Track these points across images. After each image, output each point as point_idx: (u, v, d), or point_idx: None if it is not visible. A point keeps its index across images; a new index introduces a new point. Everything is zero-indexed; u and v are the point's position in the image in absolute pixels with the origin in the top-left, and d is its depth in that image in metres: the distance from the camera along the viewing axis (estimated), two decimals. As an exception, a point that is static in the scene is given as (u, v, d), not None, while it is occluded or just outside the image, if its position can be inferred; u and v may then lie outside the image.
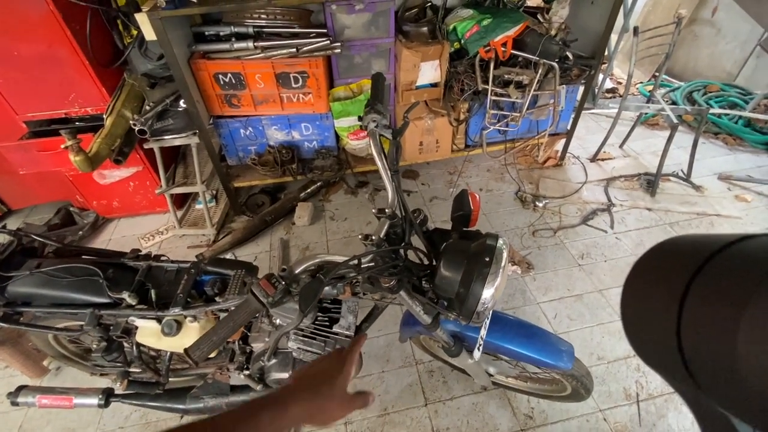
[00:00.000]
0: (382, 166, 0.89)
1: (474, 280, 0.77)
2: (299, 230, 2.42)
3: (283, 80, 2.15)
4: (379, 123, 0.91)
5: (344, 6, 2.03)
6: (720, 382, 0.23)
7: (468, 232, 0.92)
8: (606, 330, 1.81)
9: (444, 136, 2.45)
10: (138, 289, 1.12)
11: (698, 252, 0.26)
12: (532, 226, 2.35)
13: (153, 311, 1.08)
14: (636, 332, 0.31)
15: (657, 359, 0.29)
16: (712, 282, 0.24)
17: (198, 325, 1.10)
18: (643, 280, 0.31)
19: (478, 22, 2.04)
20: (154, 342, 1.12)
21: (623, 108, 2.53)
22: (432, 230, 0.96)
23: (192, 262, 1.20)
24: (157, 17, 1.70)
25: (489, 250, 0.80)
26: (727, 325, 0.21)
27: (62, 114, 2.03)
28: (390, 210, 0.86)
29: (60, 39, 1.77)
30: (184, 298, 1.09)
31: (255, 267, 1.23)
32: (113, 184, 2.34)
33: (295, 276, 0.72)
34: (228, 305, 1.08)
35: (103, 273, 1.13)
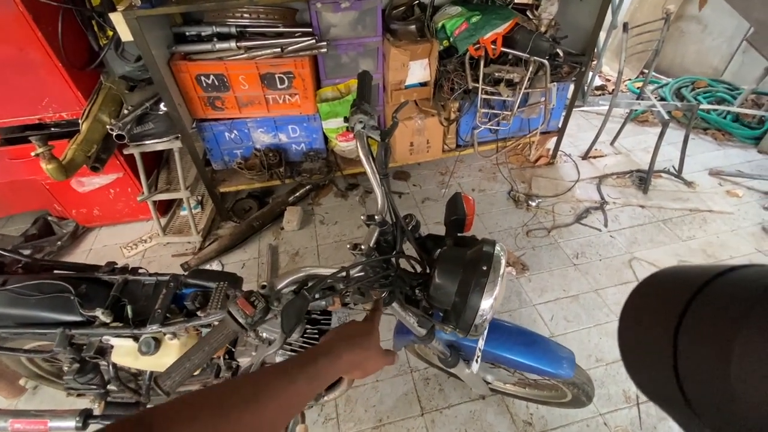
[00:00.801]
0: (370, 169, 0.84)
1: (471, 290, 0.72)
2: (288, 235, 2.36)
3: (268, 81, 2.08)
4: (366, 124, 0.85)
5: (330, 4, 1.97)
6: (718, 413, 0.23)
7: (463, 238, 0.87)
8: (603, 331, 1.78)
9: (435, 136, 2.40)
10: (113, 305, 1.05)
11: (688, 285, 0.26)
12: (526, 226, 2.32)
13: (129, 329, 1.01)
14: (633, 363, 0.31)
15: (656, 392, 0.29)
16: (702, 314, 0.25)
17: (178, 342, 1.03)
18: (637, 313, 0.32)
19: (467, 19, 1.99)
20: (132, 361, 1.04)
21: (614, 105, 2.51)
22: (425, 236, 0.91)
23: (171, 274, 1.13)
24: (132, 17, 1.63)
25: (486, 258, 0.75)
26: (720, 356, 0.22)
27: (36, 120, 1.93)
28: (380, 216, 0.81)
29: (31, 41, 1.68)
30: (162, 313, 1.02)
31: (239, 278, 1.17)
32: (93, 191, 2.24)
33: (277, 292, 0.66)
34: (210, 320, 1.01)
35: (74, 289, 1.05)
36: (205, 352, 0.59)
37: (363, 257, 0.78)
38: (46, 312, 1.03)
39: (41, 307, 1.03)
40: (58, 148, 1.77)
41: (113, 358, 1.05)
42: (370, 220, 0.81)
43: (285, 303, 0.61)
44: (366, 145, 0.85)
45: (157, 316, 1.01)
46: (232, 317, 0.60)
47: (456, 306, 0.75)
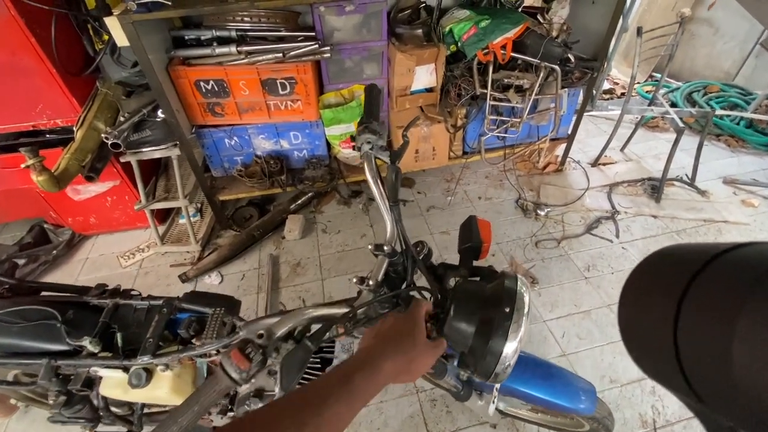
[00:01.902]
0: (379, 195, 0.77)
1: (493, 334, 0.64)
2: (290, 245, 2.29)
3: (269, 87, 2.01)
4: (374, 144, 0.78)
5: (333, 7, 1.91)
6: (718, 393, 0.23)
7: (479, 269, 0.80)
8: (617, 349, 1.71)
9: (441, 143, 2.33)
10: (102, 332, 0.98)
11: (691, 262, 0.26)
12: (535, 237, 2.24)
13: (118, 360, 0.94)
14: (634, 344, 0.31)
15: (656, 370, 0.29)
16: (706, 291, 0.24)
17: (171, 374, 0.97)
18: (638, 291, 0.31)
19: (475, 23, 1.92)
20: (121, 394, 0.98)
21: (626, 112, 2.43)
22: (438, 265, 0.84)
23: (165, 299, 1.06)
24: (128, 21, 1.56)
25: (508, 296, 0.68)
26: (722, 334, 0.21)
27: (30, 126, 1.87)
28: (389, 247, 0.74)
29: (24, 46, 1.61)
30: (154, 343, 0.95)
31: (236, 302, 1.10)
32: (89, 199, 2.18)
33: (275, 341, 0.59)
34: (205, 350, 0.94)
35: (61, 315, 0.99)
36: (194, 413, 0.52)
37: (371, 293, 0.71)
38: (30, 341, 0.96)
39: (25, 336, 0.96)
40: (53, 157, 1.71)
41: (102, 391, 0.98)
42: (378, 251, 0.74)
43: (284, 354, 0.55)
44: (374, 168, 0.78)
45: (149, 346, 0.94)
46: (224, 372, 0.53)
47: (475, 349, 0.68)
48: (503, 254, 2.14)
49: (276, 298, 1.99)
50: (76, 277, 2.18)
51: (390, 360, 0.53)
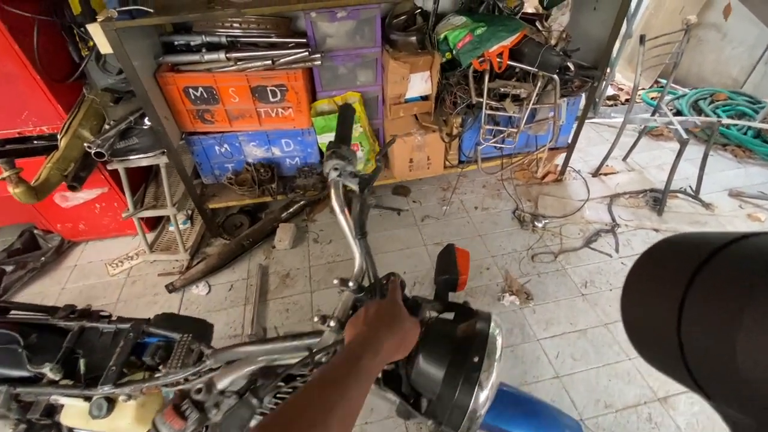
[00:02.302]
0: (346, 225, 0.72)
1: (461, 385, 0.59)
2: (280, 254, 2.24)
3: (259, 94, 1.97)
4: (342, 170, 0.73)
5: (326, 13, 1.86)
6: (721, 383, 0.22)
7: (454, 305, 0.75)
8: (613, 372, 1.64)
9: (436, 152, 2.27)
10: (65, 358, 0.94)
11: (699, 250, 0.25)
12: (531, 250, 2.18)
13: (79, 388, 0.90)
14: (637, 334, 0.30)
15: (659, 361, 0.28)
16: (712, 282, 0.24)
17: (135, 404, 0.92)
18: (643, 278, 0.31)
19: (471, 30, 1.86)
20: (83, 424, 0.93)
21: (629, 121, 2.36)
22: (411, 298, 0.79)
23: (134, 321, 1.02)
24: (111, 28, 1.52)
25: (479, 341, 0.62)
26: (727, 325, 0.21)
27: (16, 133, 1.85)
28: (354, 282, 0.69)
29: (7, 52, 1.58)
30: (116, 371, 0.90)
31: (208, 326, 1.06)
32: (77, 206, 2.15)
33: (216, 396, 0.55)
34: (169, 380, 0.90)
35: (24, 339, 0.95)
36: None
37: (333, 333, 0.66)
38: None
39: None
40: (36, 165, 1.68)
41: (63, 420, 0.94)
42: (343, 285, 0.69)
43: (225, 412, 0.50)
44: (341, 197, 0.73)
45: (110, 375, 0.90)
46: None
47: (442, 398, 0.63)
48: (498, 268, 2.08)
49: (263, 311, 1.94)
50: (64, 284, 2.15)
51: (386, 340, 0.55)
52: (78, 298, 2.06)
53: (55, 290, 2.12)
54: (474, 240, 2.25)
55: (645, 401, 1.54)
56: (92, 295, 2.08)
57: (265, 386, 0.53)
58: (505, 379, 1.62)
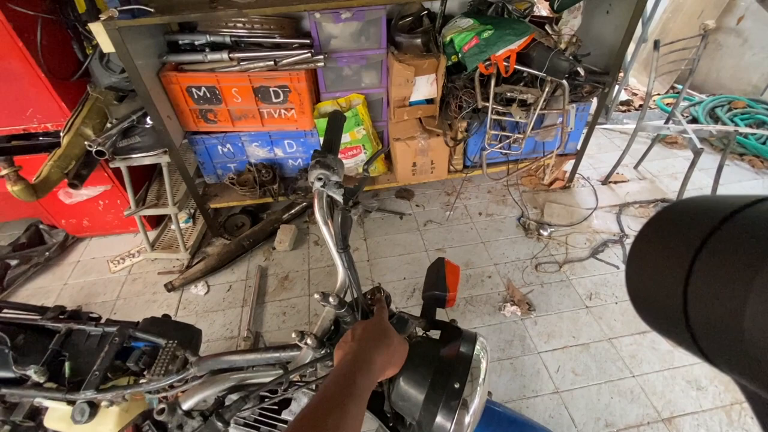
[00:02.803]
0: (329, 237, 0.69)
1: (440, 411, 0.56)
2: (279, 256, 2.23)
3: (262, 95, 1.96)
4: (326, 181, 0.71)
5: (330, 14, 1.83)
6: (725, 346, 0.22)
7: (440, 323, 0.72)
8: (616, 389, 1.59)
9: (440, 156, 2.23)
10: (51, 360, 0.93)
11: (712, 215, 0.24)
12: (536, 259, 2.13)
13: (62, 392, 0.89)
14: (641, 297, 0.30)
15: (664, 328, 0.28)
16: (725, 245, 0.23)
17: (117, 410, 0.90)
18: (651, 242, 0.30)
19: (477, 33, 1.82)
20: (66, 428, 0.92)
21: (640, 129, 2.29)
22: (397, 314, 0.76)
23: (121, 324, 1.01)
24: (113, 27, 1.52)
25: (462, 365, 0.59)
26: (739, 288, 0.21)
27: (21, 130, 1.86)
28: (335, 298, 0.66)
29: (11, 50, 1.60)
30: (100, 376, 0.89)
31: (196, 332, 1.04)
32: (81, 203, 2.17)
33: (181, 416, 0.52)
34: (151, 387, 0.88)
35: (11, 339, 0.95)
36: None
37: (311, 350, 0.63)
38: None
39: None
40: (38, 163, 1.69)
41: (46, 423, 0.93)
42: (324, 301, 0.66)
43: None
44: (324, 208, 0.70)
45: (93, 379, 0.88)
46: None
47: (422, 424, 0.59)
48: (500, 276, 2.04)
49: (260, 314, 1.93)
50: (66, 280, 2.17)
51: (377, 356, 0.55)
52: (79, 294, 2.07)
53: (58, 285, 2.14)
54: (477, 247, 2.21)
55: (648, 422, 1.48)
56: (93, 291, 2.09)
57: (231, 407, 0.50)
58: (503, 392, 1.58)
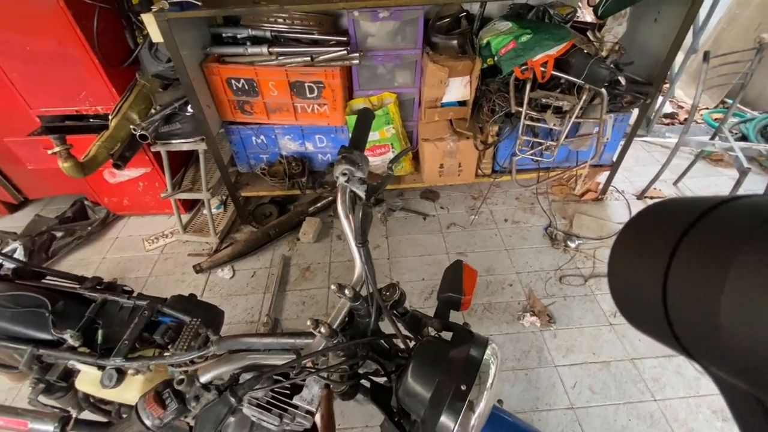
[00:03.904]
0: (349, 231, 0.71)
1: (445, 411, 0.57)
2: (303, 247, 2.28)
3: (297, 89, 2.01)
4: (350, 176, 0.72)
5: (368, 13, 1.86)
6: (704, 343, 0.23)
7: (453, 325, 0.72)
8: (635, 411, 1.53)
9: (468, 159, 2.21)
10: (86, 327, 1.00)
11: (688, 212, 0.25)
12: (560, 270, 2.07)
13: (94, 357, 0.95)
14: (623, 297, 0.30)
15: (644, 322, 0.29)
16: (699, 242, 0.24)
17: (142, 378, 0.96)
18: (631, 240, 0.31)
19: (515, 37, 1.79)
20: (95, 390, 0.99)
21: (682, 143, 2.18)
22: (410, 313, 0.77)
23: (151, 299, 1.07)
24: (164, 18, 1.60)
25: (470, 368, 0.59)
26: (713, 283, 0.21)
27: (74, 111, 1.99)
28: (351, 290, 0.67)
29: (70, 36, 1.71)
30: (129, 345, 0.95)
31: (219, 313, 1.09)
32: (123, 183, 2.30)
33: (198, 388, 0.55)
34: (174, 360, 0.93)
35: (52, 305, 1.02)
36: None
37: (324, 339, 0.65)
38: (19, 327, 1.00)
39: (16, 321, 1.00)
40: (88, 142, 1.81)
41: (78, 384, 1.00)
42: (340, 293, 0.68)
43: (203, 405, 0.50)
44: (346, 202, 0.72)
45: (123, 348, 0.94)
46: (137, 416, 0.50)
47: (426, 422, 0.60)
48: (522, 285, 2.00)
49: (281, 301, 1.98)
50: (105, 254, 2.30)
51: None
52: (115, 268, 2.20)
53: (97, 259, 2.28)
54: (500, 253, 2.17)
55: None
56: (128, 267, 2.21)
57: (245, 385, 0.53)
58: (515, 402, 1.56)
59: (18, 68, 1.82)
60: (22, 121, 2.00)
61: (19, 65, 1.81)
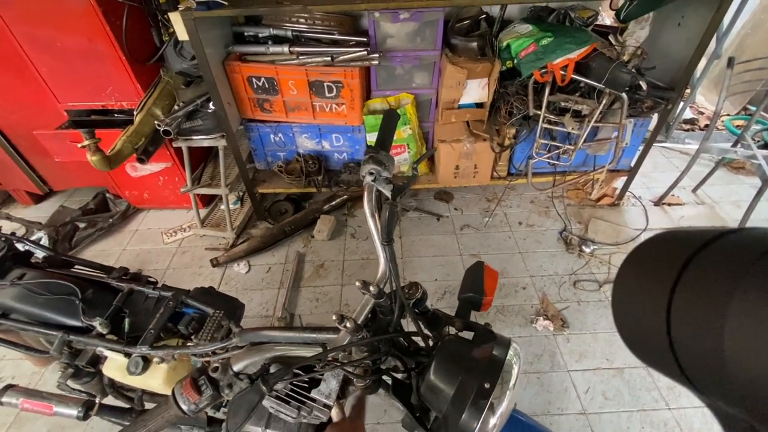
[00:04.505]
0: (374, 229, 0.72)
1: (468, 408, 0.58)
2: (317, 245, 2.31)
3: (316, 89, 2.03)
4: (377, 176, 0.74)
5: (389, 14, 1.87)
6: (709, 377, 0.23)
7: (474, 325, 0.73)
8: (648, 419, 1.52)
9: (484, 161, 2.22)
10: (114, 315, 1.04)
11: (689, 244, 0.26)
12: (575, 275, 2.06)
13: (121, 345, 0.98)
14: (628, 330, 0.30)
15: (650, 357, 0.29)
16: (699, 275, 0.24)
17: (166, 367, 1.00)
18: (633, 275, 0.31)
19: (536, 40, 1.79)
20: (121, 377, 1.03)
21: (704, 150, 2.15)
22: (431, 311, 0.78)
23: (175, 291, 1.10)
24: (190, 17, 1.64)
25: (493, 367, 0.61)
26: (714, 317, 0.21)
27: (100, 106, 2.05)
28: (375, 287, 0.69)
29: (99, 33, 1.76)
30: (154, 334, 0.98)
31: (240, 306, 1.11)
32: (144, 177, 2.35)
33: (231, 377, 0.58)
34: (197, 351, 0.96)
35: (82, 293, 1.06)
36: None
37: (349, 334, 0.67)
38: (51, 313, 1.04)
39: (47, 308, 1.04)
40: (113, 137, 1.86)
41: (105, 371, 1.04)
42: (364, 289, 0.70)
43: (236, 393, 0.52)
44: (372, 201, 0.74)
45: (149, 337, 0.97)
46: (174, 401, 0.52)
47: (448, 418, 0.61)
48: (535, 289, 2.00)
49: (295, 297, 2.01)
50: (125, 246, 2.36)
51: None
52: (135, 260, 2.26)
53: (117, 250, 2.34)
54: (513, 256, 2.17)
55: (680, 457, 1.41)
56: (147, 259, 2.27)
57: (275, 375, 0.55)
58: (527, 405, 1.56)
59: (48, 63, 1.88)
60: (50, 115, 2.06)
61: (50, 60, 1.86)
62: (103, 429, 1.59)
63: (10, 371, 1.80)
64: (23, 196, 2.67)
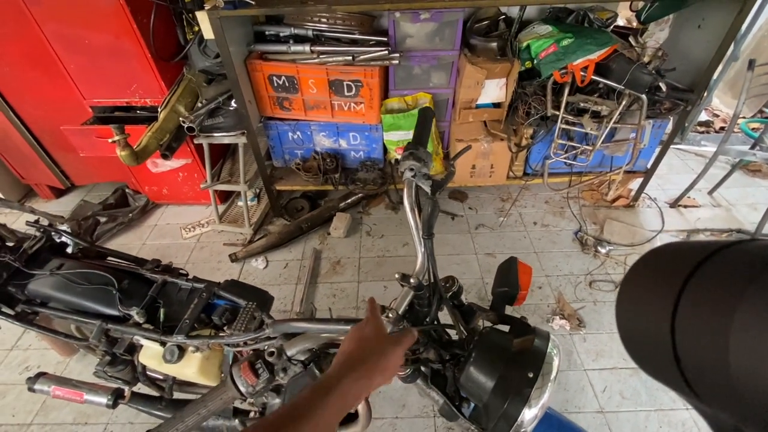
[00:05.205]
0: (414, 224, 0.74)
1: (512, 397, 0.60)
2: (333, 242, 2.33)
3: (336, 87, 2.06)
4: (417, 172, 0.76)
5: (409, 14, 1.89)
6: (715, 387, 0.23)
7: (510, 318, 0.75)
8: (666, 419, 1.52)
9: (500, 161, 2.23)
10: (149, 305, 1.07)
11: (690, 258, 0.25)
12: (590, 275, 2.07)
13: (157, 333, 1.01)
14: (632, 342, 0.30)
15: (655, 368, 0.28)
16: (704, 286, 0.24)
17: (201, 356, 1.02)
18: (636, 288, 0.31)
19: (556, 41, 1.80)
20: (156, 365, 1.06)
21: (722, 152, 2.15)
22: (467, 304, 0.80)
23: (207, 283, 1.13)
24: (216, 16, 1.67)
25: (535, 358, 0.62)
26: (719, 328, 0.21)
27: (124, 102, 2.09)
28: (415, 279, 0.71)
29: (126, 31, 1.80)
30: (189, 324, 1.01)
31: (269, 298, 1.14)
32: (164, 172, 2.39)
33: (284, 361, 0.60)
34: (232, 340, 0.98)
35: (118, 283, 1.09)
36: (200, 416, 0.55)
37: (391, 324, 0.69)
38: (89, 302, 1.07)
39: (86, 297, 1.07)
40: (138, 133, 1.89)
41: (140, 359, 1.07)
42: (404, 281, 0.72)
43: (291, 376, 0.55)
44: (413, 196, 0.76)
45: (184, 327, 1.00)
46: (233, 383, 0.55)
47: (489, 407, 0.63)
48: (551, 289, 2.01)
49: (312, 293, 2.04)
50: (144, 240, 2.41)
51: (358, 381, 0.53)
52: (155, 254, 2.30)
53: (137, 245, 2.38)
54: (528, 256, 2.18)
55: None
56: (166, 254, 2.31)
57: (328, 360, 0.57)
58: (545, 403, 1.57)
59: (76, 60, 1.92)
60: (75, 111, 2.11)
61: (77, 58, 1.91)
62: (128, 417, 1.63)
63: (36, 360, 1.85)
64: (45, 191, 2.72)
